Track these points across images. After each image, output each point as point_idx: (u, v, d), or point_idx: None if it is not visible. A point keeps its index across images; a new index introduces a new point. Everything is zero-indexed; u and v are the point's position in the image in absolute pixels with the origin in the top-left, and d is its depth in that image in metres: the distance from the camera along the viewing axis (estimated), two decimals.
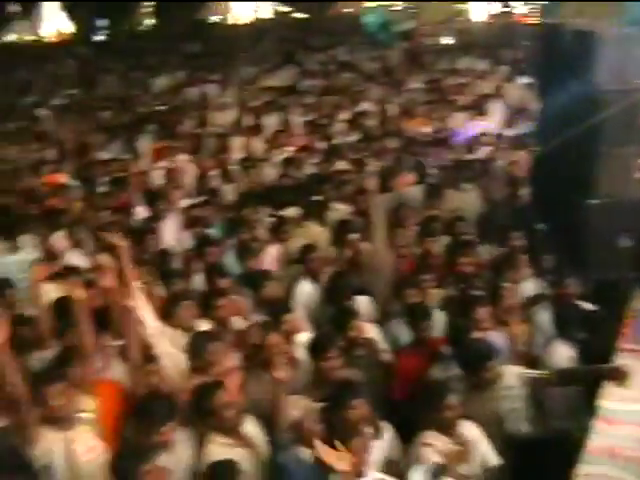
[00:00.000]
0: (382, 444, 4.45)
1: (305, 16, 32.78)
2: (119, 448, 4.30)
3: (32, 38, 32.02)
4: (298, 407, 4.37)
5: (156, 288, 5.88)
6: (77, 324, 4.75)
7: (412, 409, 4.67)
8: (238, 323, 5.59)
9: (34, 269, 5.80)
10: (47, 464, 4.22)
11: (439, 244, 6.86)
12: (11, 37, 32.50)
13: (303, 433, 4.25)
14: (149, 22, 34.81)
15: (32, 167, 10.44)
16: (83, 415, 4.43)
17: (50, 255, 6.86)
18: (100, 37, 32.16)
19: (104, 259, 6.37)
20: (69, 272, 6.23)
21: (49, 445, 4.24)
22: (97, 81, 18.51)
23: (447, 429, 4.37)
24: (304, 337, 5.31)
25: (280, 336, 5.06)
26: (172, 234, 7.51)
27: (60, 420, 4.30)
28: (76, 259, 6.93)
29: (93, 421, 4.45)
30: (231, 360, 4.85)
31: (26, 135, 12.71)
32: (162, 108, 13.72)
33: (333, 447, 3.91)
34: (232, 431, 4.30)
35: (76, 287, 4.79)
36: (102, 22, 32.60)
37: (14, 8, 32.17)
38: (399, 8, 25.55)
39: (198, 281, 6.34)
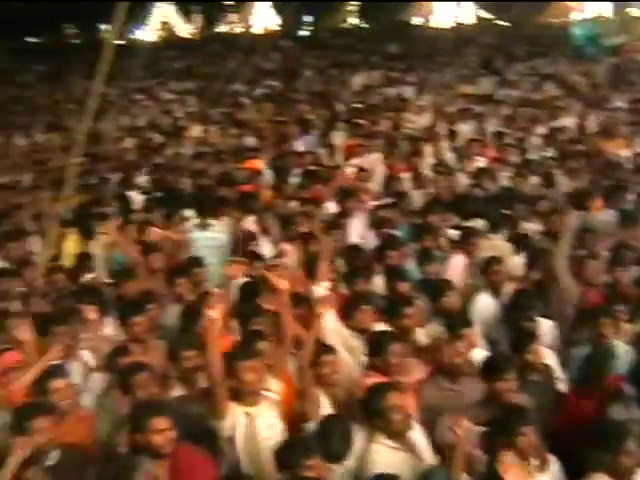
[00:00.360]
0: (548, 477, 4.29)
1: (507, 24, 32.10)
2: (286, 437, 4.43)
3: (242, 30, 33.72)
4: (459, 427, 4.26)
5: (340, 285, 6.03)
6: (276, 311, 4.97)
7: (581, 446, 4.43)
8: (418, 332, 5.58)
9: (232, 267, 6.05)
10: (231, 436, 4.43)
11: (629, 274, 6.50)
12: (223, 28, 34.45)
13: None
14: (352, 20, 35.56)
15: (231, 152, 11.03)
16: (268, 394, 4.60)
17: (244, 237, 7.16)
18: (305, 32, 33.27)
19: (288, 250, 6.67)
20: (253, 258, 6.53)
21: (234, 418, 4.44)
22: (298, 75, 19.17)
23: (621, 476, 4.06)
24: (478, 354, 5.21)
25: (465, 349, 5.00)
26: (357, 233, 7.62)
27: (247, 395, 4.48)
28: (262, 246, 7.21)
29: (276, 401, 4.61)
30: (415, 369, 4.85)
31: (228, 121, 13.44)
32: (358, 106, 13.95)
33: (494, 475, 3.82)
34: (398, 435, 4.28)
35: (280, 277, 4.99)
36: (308, 18, 33.75)
37: (228, 2, 34.12)
38: (609, 19, 24.43)
39: (378, 283, 6.36)
